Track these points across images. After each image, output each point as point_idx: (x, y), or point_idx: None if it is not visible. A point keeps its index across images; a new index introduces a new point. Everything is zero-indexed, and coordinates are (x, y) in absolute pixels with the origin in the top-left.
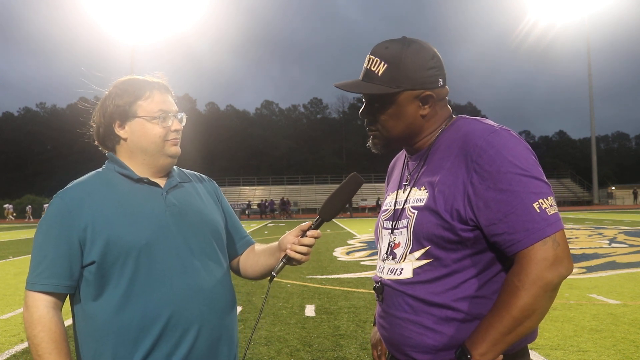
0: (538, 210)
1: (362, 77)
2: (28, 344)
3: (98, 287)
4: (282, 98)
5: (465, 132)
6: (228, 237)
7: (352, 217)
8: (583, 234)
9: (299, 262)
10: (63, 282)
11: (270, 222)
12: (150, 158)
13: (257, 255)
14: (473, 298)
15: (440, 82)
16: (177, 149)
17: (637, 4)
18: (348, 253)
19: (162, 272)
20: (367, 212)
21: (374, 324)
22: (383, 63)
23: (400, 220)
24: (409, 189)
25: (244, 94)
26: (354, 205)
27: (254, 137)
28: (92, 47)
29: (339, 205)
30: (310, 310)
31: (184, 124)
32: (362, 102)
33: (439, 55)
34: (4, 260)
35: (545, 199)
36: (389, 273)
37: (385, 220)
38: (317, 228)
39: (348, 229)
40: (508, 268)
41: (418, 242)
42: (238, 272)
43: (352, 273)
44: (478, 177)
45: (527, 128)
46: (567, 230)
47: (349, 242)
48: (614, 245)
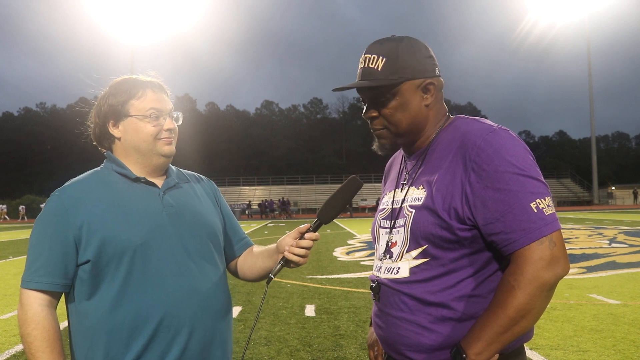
0: (535, 210)
1: (359, 77)
2: (22, 342)
3: (92, 286)
4: (282, 98)
5: (464, 131)
6: (226, 238)
7: (352, 217)
8: (583, 234)
9: (297, 264)
10: (58, 280)
11: (270, 222)
12: (144, 157)
13: (255, 257)
14: (469, 297)
15: (437, 71)
16: (170, 149)
17: (637, 4)
18: (348, 253)
19: (156, 272)
20: (367, 212)
21: (370, 325)
22: (381, 58)
23: (398, 219)
24: (407, 188)
25: (244, 94)
26: (354, 206)
27: (254, 137)
28: (92, 47)
29: (338, 208)
30: (310, 310)
31: (180, 123)
32: (362, 102)
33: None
34: (4, 260)
35: (543, 199)
36: (386, 272)
37: (383, 220)
38: (315, 230)
39: (348, 229)
40: (504, 268)
41: (415, 241)
42: (236, 274)
43: (352, 273)
44: (476, 176)
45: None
46: (567, 230)
47: (349, 242)
48: (614, 245)
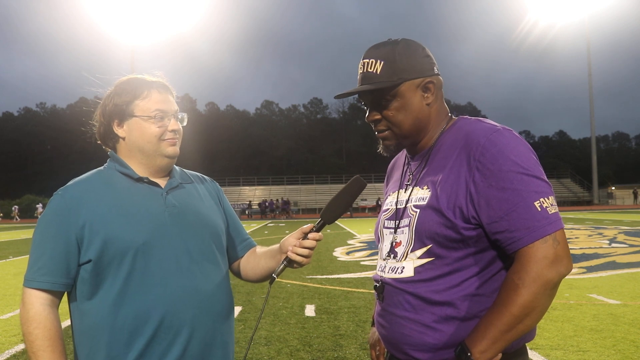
0: (539, 209)
1: (360, 83)
2: (24, 341)
3: (94, 285)
4: (282, 98)
5: (468, 131)
6: (229, 239)
7: (352, 217)
8: (583, 234)
9: (300, 264)
10: (60, 279)
11: (270, 222)
12: (147, 158)
13: (258, 258)
14: (474, 296)
15: (435, 69)
16: (174, 150)
17: (637, 4)
18: (348, 253)
19: (158, 272)
20: (367, 212)
21: (372, 324)
22: (379, 61)
23: (402, 220)
24: (411, 189)
25: (244, 94)
26: (354, 206)
27: (254, 137)
28: (92, 47)
29: (342, 208)
30: (310, 310)
31: (185, 124)
32: (362, 102)
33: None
34: (4, 260)
35: (546, 198)
36: (390, 272)
37: (387, 220)
38: (319, 230)
39: (348, 229)
40: (509, 266)
41: (420, 240)
42: (239, 274)
43: (352, 273)
44: (480, 175)
45: (527, 128)
46: (567, 230)
47: (349, 242)
48: (614, 245)
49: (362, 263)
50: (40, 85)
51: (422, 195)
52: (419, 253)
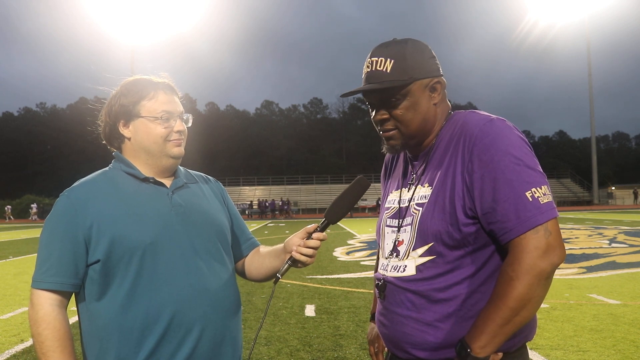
0: (530, 199)
1: (365, 81)
2: (33, 342)
3: (102, 285)
4: (282, 98)
5: (462, 123)
6: (233, 238)
7: (352, 217)
8: (583, 234)
9: (305, 264)
10: (68, 280)
11: (270, 222)
12: (153, 158)
13: (262, 257)
14: (475, 294)
15: (440, 70)
16: (180, 150)
17: (637, 4)
18: (348, 253)
19: (166, 271)
20: (367, 212)
21: (371, 319)
22: (389, 60)
23: (405, 218)
24: (414, 188)
25: (244, 94)
26: (354, 206)
27: (254, 137)
28: (92, 47)
29: (345, 208)
30: (310, 310)
31: (190, 125)
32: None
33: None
34: (4, 260)
35: (539, 188)
36: (393, 270)
37: (389, 218)
38: (322, 230)
39: (348, 229)
40: None
41: (422, 239)
42: (243, 273)
43: (352, 273)
44: (473, 166)
45: (527, 128)
46: (567, 230)
47: (349, 242)
48: (614, 245)
49: (362, 263)
50: (40, 85)
51: (424, 194)
52: (420, 251)
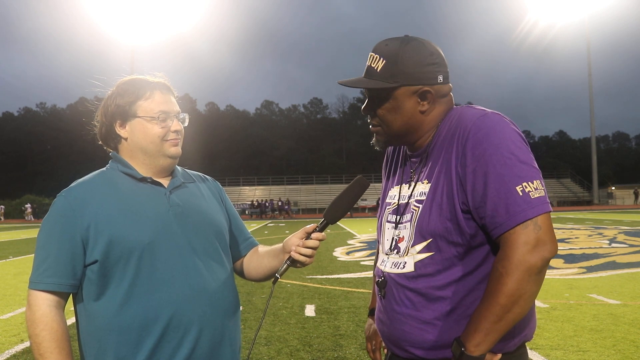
0: (520, 194)
1: (364, 74)
2: (30, 343)
3: (100, 286)
4: (282, 98)
5: (458, 118)
6: (232, 238)
7: (352, 217)
8: (583, 234)
9: (303, 264)
10: (66, 281)
11: (270, 222)
12: (150, 158)
13: (260, 257)
14: (473, 292)
15: (440, 78)
16: (177, 150)
17: (637, 4)
18: (348, 253)
19: (164, 272)
20: (367, 212)
21: (369, 315)
22: (382, 59)
23: (405, 215)
24: (414, 185)
25: (244, 94)
26: (354, 206)
27: (254, 137)
28: (92, 47)
29: (344, 208)
30: (310, 310)
31: (186, 125)
32: (362, 102)
33: (441, 53)
34: (4, 260)
35: (530, 182)
36: (392, 267)
37: (390, 214)
38: (321, 230)
39: (348, 229)
40: None
41: (421, 235)
42: (241, 273)
43: (352, 273)
44: (465, 159)
45: (527, 128)
46: (567, 230)
47: (349, 242)
48: (614, 245)
49: (362, 263)
50: (40, 85)
51: (423, 190)
52: (419, 248)
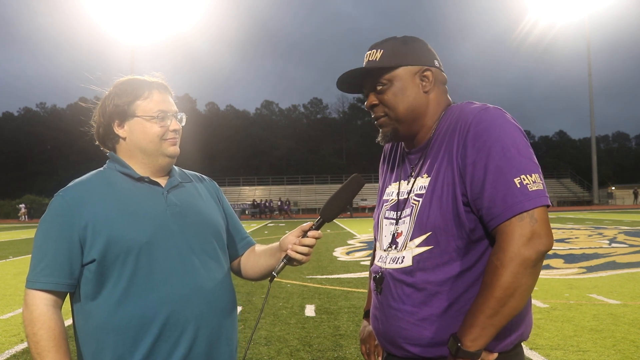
0: (518, 186)
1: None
2: (27, 342)
3: (98, 285)
4: (282, 98)
5: (459, 113)
6: (229, 237)
7: (352, 217)
8: (583, 234)
9: (300, 262)
10: (63, 280)
11: (270, 222)
12: (149, 158)
13: (257, 256)
14: (472, 288)
15: (437, 63)
16: (175, 149)
17: (637, 4)
18: (348, 253)
19: (161, 271)
20: (367, 212)
21: (364, 317)
22: (381, 50)
23: (405, 210)
24: (413, 180)
25: (244, 94)
26: (354, 205)
27: (254, 137)
28: (92, 47)
29: (341, 206)
30: (310, 310)
31: (184, 124)
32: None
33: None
34: (4, 260)
35: (528, 175)
36: (391, 262)
37: (388, 210)
38: (318, 228)
39: (348, 229)
40: None
41: (420, 228)
42: (239, 272)
43: (352, 273)
44: (466, 151)
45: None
46: (567, 230)
47: (349, 242)
48: (614, 245)
49: (362, 263)
50: (40, 85)
51: (422, 184)
52: (418, 241)
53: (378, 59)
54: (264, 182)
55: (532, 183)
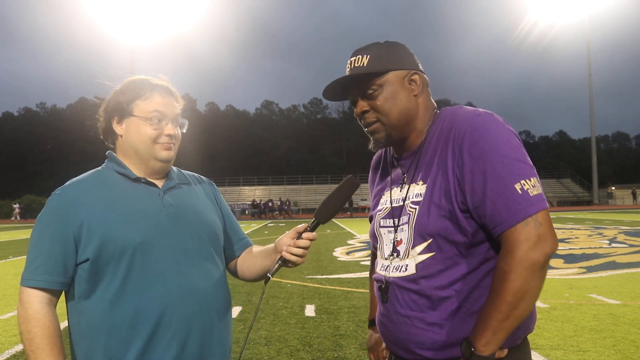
0: (520, 192)
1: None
2: (22, 340)
3: (92, 284)
4: (282, 98)
5: (450, 119)
6: (226, 238)
7: (352, 217)
8: (583, 234)
9: (295, 264)
10: (57, 278)
11: (270, 222)
12: (141, 160)
13: (253, 257)
14: (477, 289)
15: (420, 67)
16: (168, 154)
17: (637, 4)
18: (348, 253)
19: (156, 271)
20: (367, 212)
21: (369, 326)
22: (367, 56)
23: (402, 217)
24: (407, 187)
25: (244, 94)
26: (354, 206)
27: (254, 137)
28: (92, 47)
29: (335, 208)
30: (310, 310)
31: (184, 131)
32: (352, 104)
33: None
34: (4, 260)
35: (528, 180)
36: (395, 270)
37: (382, 219)
38: (312, 230)
39: (348, 229)
40: None
41: (420, 236)
42: (235, 273)
43: (352, 273)
44: (463, 160)
45: (527, 128)
46: (567, 230)
47: (349, 242)
48: (614, 245)
49: (362, 263)
50: (40, 85)
51: (418, 191)
52: (419, 249)
53: (365, 64)
54: (264, 182)
55: (532, 187)
